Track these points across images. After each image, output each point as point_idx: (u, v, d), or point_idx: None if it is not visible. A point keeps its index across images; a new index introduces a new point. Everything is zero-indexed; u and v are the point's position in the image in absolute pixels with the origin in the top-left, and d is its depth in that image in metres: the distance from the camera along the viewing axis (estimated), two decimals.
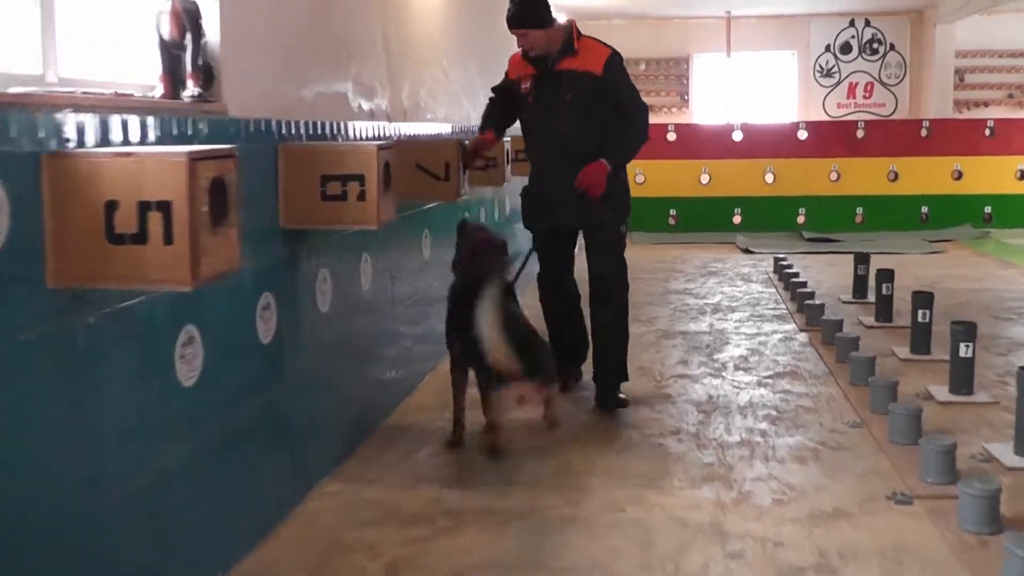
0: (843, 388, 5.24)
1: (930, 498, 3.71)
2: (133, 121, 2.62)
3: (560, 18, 4.95)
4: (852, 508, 3.67)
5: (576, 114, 4.79)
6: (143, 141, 2.65)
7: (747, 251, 10.99)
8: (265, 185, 3.49)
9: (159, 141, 2.73)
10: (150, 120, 2.69)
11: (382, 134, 4.79)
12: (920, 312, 5.85)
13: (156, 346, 2.76)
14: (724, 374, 5.63)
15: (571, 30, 4.84)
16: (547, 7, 4.75)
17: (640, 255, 10.64)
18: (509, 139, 6.12)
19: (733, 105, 14.14)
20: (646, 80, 14.23)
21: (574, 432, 4.61)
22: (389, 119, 4.99)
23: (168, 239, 2.19)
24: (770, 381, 5.46)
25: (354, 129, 4.42)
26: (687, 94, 14.48)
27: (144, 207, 2.20)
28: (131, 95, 2.84)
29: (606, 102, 4.81)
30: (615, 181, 4.83)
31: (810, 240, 11.63)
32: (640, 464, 4.20)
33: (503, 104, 5.05)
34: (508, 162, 6.04)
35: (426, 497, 3.83)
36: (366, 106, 4.69)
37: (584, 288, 5.14)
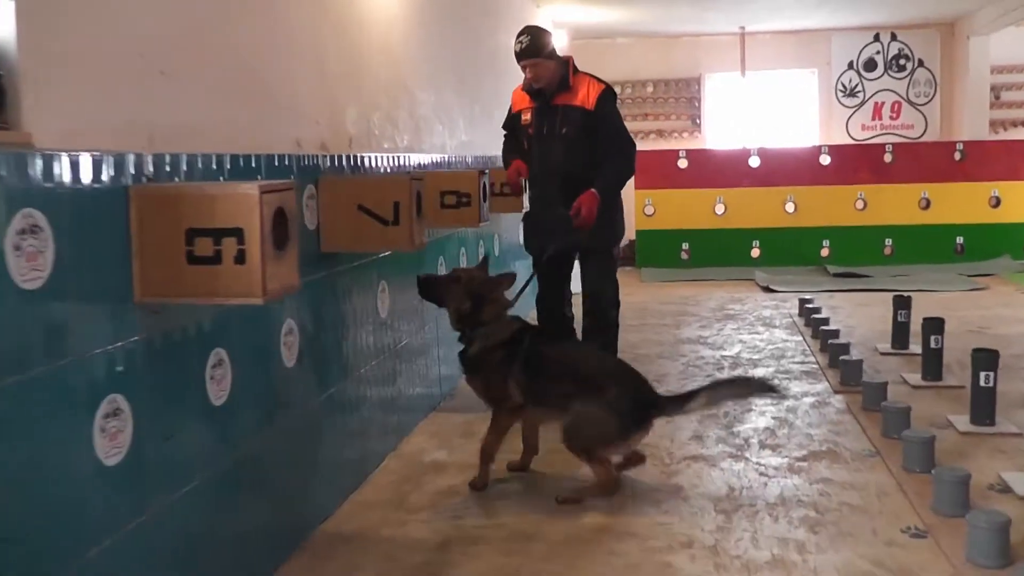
0: (896, 476, 4.22)
1: None
2: None
3: (562, 37, 5.16)
4: None
5: (569, 146, 5.11)
6: None
7: (768, 289, 9.95)
8: (109, 246, 2.51)
9: None
10: None
11: (311, 164, 3.82)
12: (983, 375, 4.81)
13: None
14: (747, 454, 4.62)
15: (567, 65, 5.15)
16: (551, 39, 5.12)
17: (650, 296, 9.64)
18: (487, 172, 5.21)
19: (749, 128, 13.12)
20: (654, 103, 13.27)
21: (555, 545, 3.63)
22: (325, 149, 4.02)
23: None
24: (804, 465, 4.44)
25: (268, 163, 3.43)
26: (699, 117, 13.45)
27: None
28: None
29: (596, 136, 5.09)
30: (606, 207, 5.07)
31: (837, 276, 10.59)
32: None
33: (513, 139, 5.41)
34: (484, 199, 5.08)
35: None
36: (291, 133, 3.72)
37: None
